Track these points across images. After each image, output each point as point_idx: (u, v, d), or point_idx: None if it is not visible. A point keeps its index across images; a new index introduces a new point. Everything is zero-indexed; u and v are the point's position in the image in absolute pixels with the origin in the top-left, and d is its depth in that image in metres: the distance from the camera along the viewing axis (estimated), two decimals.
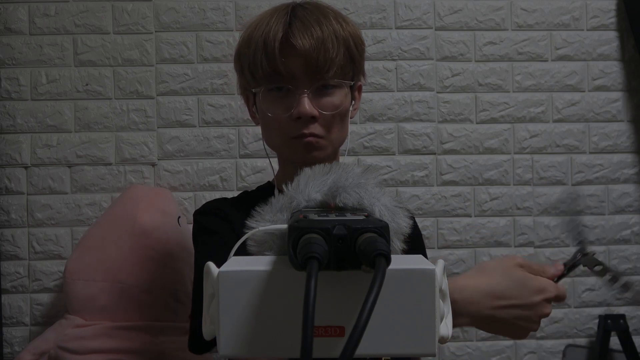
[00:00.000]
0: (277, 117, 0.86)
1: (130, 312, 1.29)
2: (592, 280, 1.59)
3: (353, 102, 0.94)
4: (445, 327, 0.44)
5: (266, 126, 0.90)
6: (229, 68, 1.53)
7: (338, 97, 0.87)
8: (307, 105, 0.83)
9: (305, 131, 0.84)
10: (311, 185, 0.53)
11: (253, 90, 0.89)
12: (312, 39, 0.82)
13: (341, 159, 1.00)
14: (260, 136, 0.96)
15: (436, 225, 1.56)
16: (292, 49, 0.82)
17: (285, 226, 0.47)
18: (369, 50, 1.56)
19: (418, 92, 1.57)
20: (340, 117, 0.88)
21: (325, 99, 0.85)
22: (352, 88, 0.92)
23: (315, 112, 0.84)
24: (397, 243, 0.50)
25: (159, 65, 1.53)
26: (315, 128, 0.85)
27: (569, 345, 1.56)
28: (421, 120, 1.57)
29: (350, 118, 0.94)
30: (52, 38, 1.51)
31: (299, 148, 0.86)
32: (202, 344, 0.88)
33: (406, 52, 1.57)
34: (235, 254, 0.47)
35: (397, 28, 1.58)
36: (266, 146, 0.95)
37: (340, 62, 0.84)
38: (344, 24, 0.87)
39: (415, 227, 1.02)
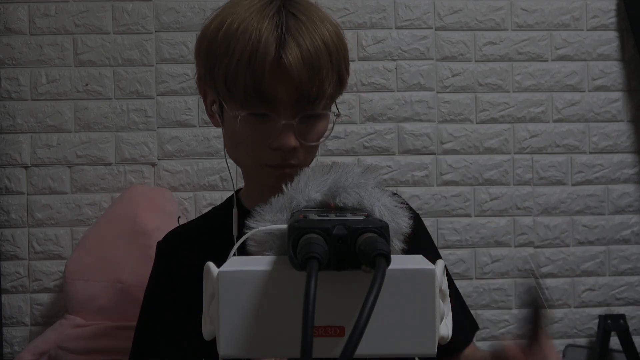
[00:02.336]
0: (252, 142, 0.74)
1: (130, 312, 1.29)
2: (592, 280, 1.59)
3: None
4: (445, 327, 0.44)
5: (234, 142, 0.77)
6: None
7: (323, 126, 0.76)
8: (290, 139, 0.71)
9: (283, 162, 0.74)
10: (311, 185, 0.52)
11: (231, 113, 0.74)
12: (308, 66, 0.69)
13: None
14: None
15: (436, 225, 1.56)
16: (283, 71, 0.69)
17: (285, 226, 0.47)
18: (369, 50, 1.56)
19: (418, 92, 1.57)
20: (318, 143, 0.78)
21: (311, 129, 0.74)
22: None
23: (297, 144, 0.72)
24: (397, 243, 0.50)
25: (159, 65, 1.53)
26: (294, 158, 0.74)
27: (569, 345, 1.56)
28: (421, 120, 1.57)
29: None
30: (52, 38, 1.51)
31: (272, 176, 0.75)
32: None
33: (406, 52, 1.57)
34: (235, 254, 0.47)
35: (397, 28, 1.58)
36: (228, 156, 0.82)
37: (331, 93, 0.73)
38: (336, 39, 0.74)
39: (418, 226, 0.91)
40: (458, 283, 1.02)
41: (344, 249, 0.39)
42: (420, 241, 0.94)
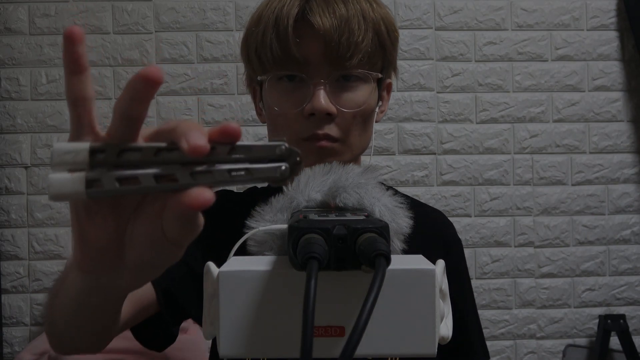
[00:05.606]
0: (286, 113, 0.70)
1: None
2: (592, 280, 1.59)
3: (380, 103, 0.78)
4: (445, 327, 0.44)
5: (273, 123, 0.74)
6: (229, 68, 1.53)
7: (362, 92, 0.71)
8: (322, 99, 0.67)
9: (319, 132, 0.69)
10: (311, 185, 0.53)
11: (259, 78, 0.72)
12: (334, 18, 0.67)
13: (367, 159, 0.90)
14: (261, 137, 0.93)
15: None
16: (309, 29, 0.67)
17: (285, 226, 0.47)
18: None
19: (418, 92, 1.57)
20: (363, 118, 0.72)
21: (346, 94, 0.69)
22: (379, 84, 0.75)
23: (332, 108, 0.68)
24: (397, 243, 0.50)
25: (159, 65, 1.53)
26: (331, 129, 0.69)
27: (569, 345, 1.56)
28: (421, 120, 1.57)
29: (376, 122, 0.77)
30: (52, 38, 1.51)
31: (311, 152, 0.70)
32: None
33: (406, 52, 1.57)
34: (235, 254, 0.47)
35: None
36: None
37: (367, 49, 0.68)
38: (375, 4, 0.72)
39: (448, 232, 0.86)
40: None
41: (344, 249, 0.39)
42: (457, 266, 0.85)
